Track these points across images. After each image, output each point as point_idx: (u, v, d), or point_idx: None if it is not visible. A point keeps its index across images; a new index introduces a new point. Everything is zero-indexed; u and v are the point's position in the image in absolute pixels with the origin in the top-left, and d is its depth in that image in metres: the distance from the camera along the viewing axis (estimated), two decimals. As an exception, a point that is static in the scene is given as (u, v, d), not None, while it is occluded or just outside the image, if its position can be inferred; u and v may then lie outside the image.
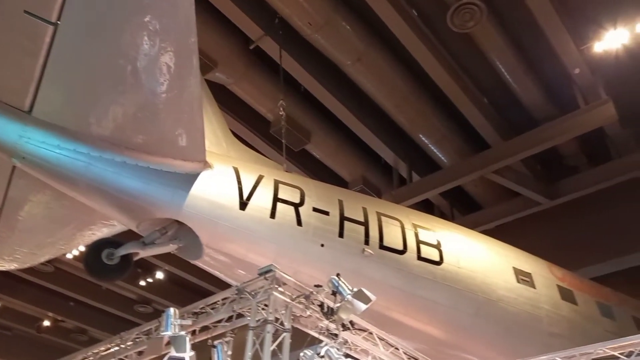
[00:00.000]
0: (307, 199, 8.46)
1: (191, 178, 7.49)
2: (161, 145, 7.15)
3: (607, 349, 7.70)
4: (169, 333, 6.65)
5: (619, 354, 7.60)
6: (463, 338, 9.34)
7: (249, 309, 6.55)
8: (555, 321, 9.90)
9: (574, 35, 12.35)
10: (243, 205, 7.86)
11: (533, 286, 10.03)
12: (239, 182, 7.98)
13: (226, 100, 13.83)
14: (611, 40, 11.56)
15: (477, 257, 9.79)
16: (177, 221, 7.69)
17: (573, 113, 13.86)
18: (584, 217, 15.29)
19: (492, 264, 9.87)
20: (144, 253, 7.76)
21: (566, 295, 10.46)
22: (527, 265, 10.42)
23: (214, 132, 8.66)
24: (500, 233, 12.74)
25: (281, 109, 11.43)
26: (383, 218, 9.06)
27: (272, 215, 8.06)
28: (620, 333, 9.20)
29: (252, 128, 15.07)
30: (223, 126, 9.25)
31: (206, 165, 7.66)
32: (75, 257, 17.69)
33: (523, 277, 10.04)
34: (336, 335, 6.71)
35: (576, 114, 13.80)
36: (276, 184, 8.36)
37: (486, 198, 16.99)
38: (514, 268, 10.05)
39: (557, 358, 8.12)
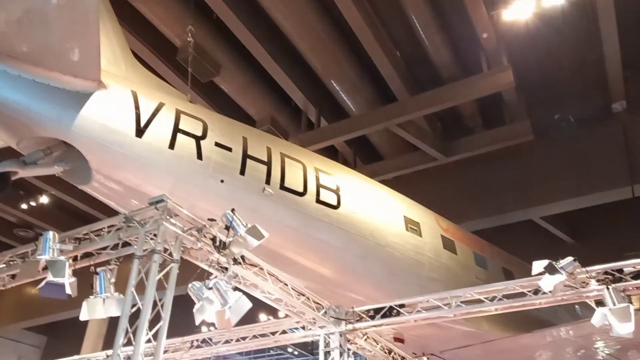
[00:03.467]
0: (209, 133, 8.19)
1: (82, 97, 6.91)
2: (49, 57, 6.48)
3: (474, 293, 8.60)
4: (46, 257, 6.28)
5: (484, 297, 8.51)
6: (351, 278, 9.85)
7: (137, 238, 6.33)
8: (436, 267, 10.72)
9: (486, 0, 12.77)
10: (139, 132, 7.43)
11: (420, 235, 10.71)
12: (137, 108, 7.50)
13: (130, 19, 12.78)
14: (518, 10, 11.98)
15: (372, 205, 10.21)
16: (65, 142, 7.13)
17: (476, 76, 14.59)
18: (473, 176, 16.45)
19: (385, 212, 10.37)
20: (23, 173, 7.11)
21: (448, 244, 11.31)
22: (416, 215, 11.06)
23: (112, 51, 7.96)
24: (397, 184, 13.32)
25: (190, 35, 10.73)
26: (286, 159, 9.06)
27: (171, 146, 7.72)
28: (490, 281, 10.22)
29: (156, 52, 14.10)
30: (123, 45, 8.51)
31: (100, 85, 7.08)
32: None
33: (412, 226, 10.68)
34: (226, 268, 6.74)
35: (478, 78, 14.55)
36: (178, 114, 7.97)
37: (388, 149, 17.67)
38: (404, 217, 10.63)
39: (431, 299, 8.93)
